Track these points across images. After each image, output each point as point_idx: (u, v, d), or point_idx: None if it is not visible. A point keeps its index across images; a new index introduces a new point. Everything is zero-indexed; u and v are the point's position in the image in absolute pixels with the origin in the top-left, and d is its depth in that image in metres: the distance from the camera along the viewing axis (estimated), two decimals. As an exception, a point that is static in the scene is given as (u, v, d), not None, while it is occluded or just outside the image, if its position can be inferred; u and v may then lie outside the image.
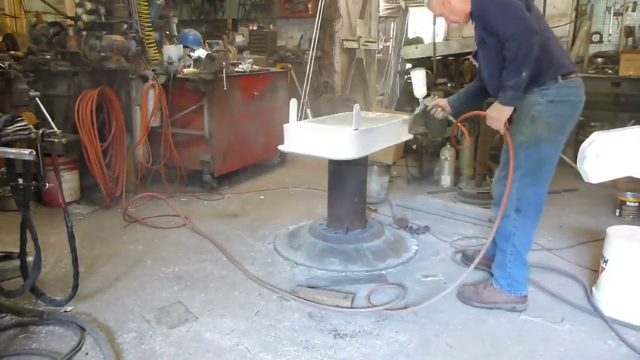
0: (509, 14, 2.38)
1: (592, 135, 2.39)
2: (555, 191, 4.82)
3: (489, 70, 2.67)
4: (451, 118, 3.04)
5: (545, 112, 2.51)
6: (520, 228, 2.61)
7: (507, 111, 2.51)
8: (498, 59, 2.50)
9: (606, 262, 2.63)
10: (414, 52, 5.71)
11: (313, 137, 3.09)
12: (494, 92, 2.65)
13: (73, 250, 2.52)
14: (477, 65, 2.88)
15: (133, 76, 4.37)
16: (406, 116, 3.62)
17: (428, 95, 3.15)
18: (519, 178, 2.57)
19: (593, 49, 6.19)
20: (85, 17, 4.01)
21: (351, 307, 2.67)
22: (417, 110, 3.17)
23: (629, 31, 6.09)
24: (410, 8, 9.31)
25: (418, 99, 3.14)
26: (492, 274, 2.76)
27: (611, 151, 2.36)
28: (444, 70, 5.51)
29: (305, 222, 3.78)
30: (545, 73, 2.48)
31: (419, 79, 3.14)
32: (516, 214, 2.59)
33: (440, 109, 3.03)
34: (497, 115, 2.54)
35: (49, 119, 2.63)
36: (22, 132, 2.23)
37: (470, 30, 6.31)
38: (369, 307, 2.68)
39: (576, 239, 3.63)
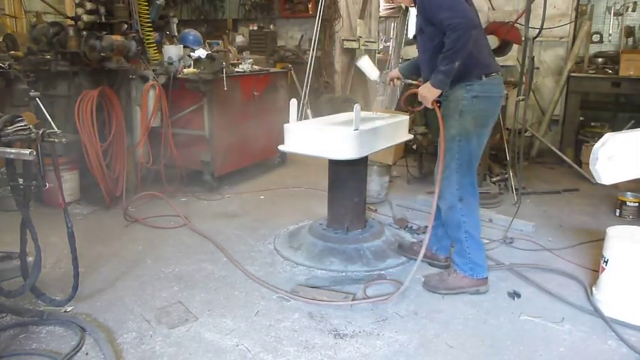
0: (453, 6, 2.58)
1: (604, 136, 2.38)
2: (555, 191, 4.83)
3: (423, 56, 2.90)
4: (408, 81, 3.19)
5: (470, 106, 2.74)
6: (467, 214, 2.81)
7: (436, 92, 2.73)
8: (432, 48, 2.74)
9: (606, 262, 2.63)
10: (414, 52, 5.70)
11: (313, 137, 3.09)
12: (425, 76, 2.88)
13: (73, 250, 2.52)
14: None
15: (133, 77, 4.37)
16: (406, 116, 3.62)
17: (381, 74, 3.44)
18: (456, 169, 2.78)
19: (593, 49, 6.19)
20: (85, 17, 4.01)
21: (352, 302, 2.67)
22: (380, 91, 3.47)
23: (629, 31, 6.08)
24: (410, 8, 9.30)
25: (375, 81, 3.41)
26: (453, 261, 2.92)
27: (624, 153, 2.35)
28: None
29: (305, 222, 3.78)
30: (471, 71, 2.71)
31: (366, 65, 3.40)
32: (461, 203, 2.80)
33: (396, 79, 3.28)
34: (427, 93, 2.76)
35: (49, 119, 2.63)
36: (22, 132, 2.23)
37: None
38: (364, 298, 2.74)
39: (576, 239, 3.63)
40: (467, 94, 2.74)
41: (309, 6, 7.81)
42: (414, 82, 3.13)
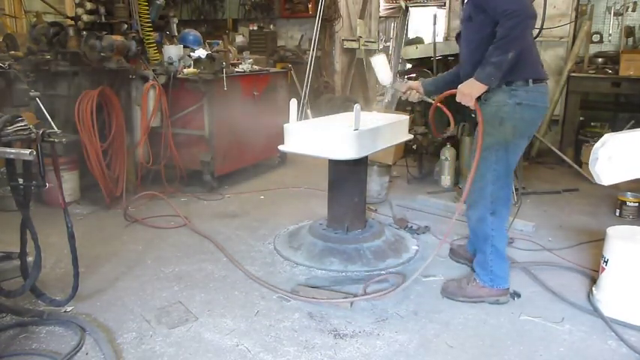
0: None
1: (604, 136, 2.37)
2: (555, 191, 4.83)
3: (467, 49, 2.64)
4: (427, 99, 2.98)
5: (512, 114, 2.50)
6: (497, 228, 2.67)
7: (479, 88, 2.46)
8: (479, 40, 2.48)
9: (606, 262, 2.63)
10: (414, 52, 5.70)
11: (313, 137, 3.08)
12: (466, 74, 2.60)
13: (73, 250, 2.51)
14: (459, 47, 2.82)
15: (133, 76, 4.36)
16: (406, 116, 3.62)
17: (396, 80, 3.06)
18: (493, 181, 2.59)
19: (593, 49, 6.19)
20: (85, 17, 4.02)
21: (353, 298, 2.68)
22: (387, 97, 3.10)
23: (629, 31, 6.08)
24: (410, 8, 9.30)
25: (385, 85, 3.08)
26: (474, 270, 2.81)
27: (624, 153, 2.34)
28: (445, 70, 5.50)
29: (305, 222, 3.78)
30: (519, 72, 2.46)
31: (381, 65, 3.07)
32: (492, 217, 2.64)
33: (414, 91, 2.99)
34: (469, 90, 2.48)
35: (49, 119, 2.63)
36: (22, 132, 2.22)
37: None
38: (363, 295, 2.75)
39: (576, 239, 3.63)
40: (510, 99, 2.49)
41: (309, 6, 7.82)
42: (430, 99, 2.92)
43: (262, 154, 5.36)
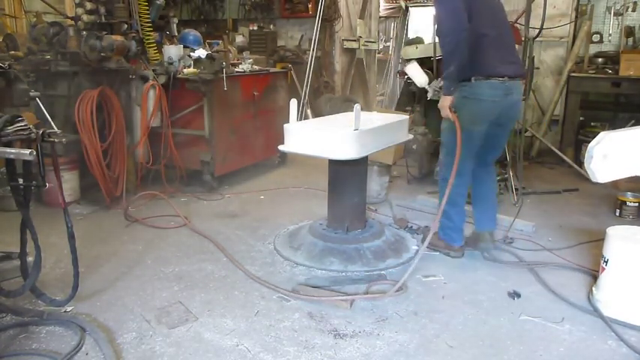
0: (447, 15, 2.88)
1: (599, 134, 2.38)
2: (555, 191, 4.83)
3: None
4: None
5: (460, 105, 3.03)
6: (452, 195, 3.07)
7: (447, 100, 3.02)
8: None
9: (606, 262, 2.63)
10: (414, 52, 5.69)
11: (313, 137, 3.09)
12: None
13: (73, 250, 2.51)
14: None
15: (133, 76, 4.37)
16: (406, 116, 3.62)
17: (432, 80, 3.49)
18: (445, 154, 3.20)
19: (593, 49, 6.19)
20: (85, 17, 4.02)
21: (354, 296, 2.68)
22: (430, 95, 3.52)
23: (629, 31, 6.08)
24: (410, 8, 9.31)
25: (425, 87, 3.52)
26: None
27: (619, 151, 2.35)
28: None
29: (305, 222, 3.78)
30: (464, 73, 2.94)
31: (416, 71, 3.48)
32: (444, 183, 3.09)
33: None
34: (442, 103, 3.06)
35: (49, 119, 2.63)
36: (22, 132, 2.22)
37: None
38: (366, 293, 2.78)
39: (576, 239, 3.63)
40: (459, 94, 3.02)
41: (309, 6, 7.80)
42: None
43: (262, 154, 5.36)
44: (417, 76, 3.50)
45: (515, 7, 6.41)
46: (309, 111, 6.60)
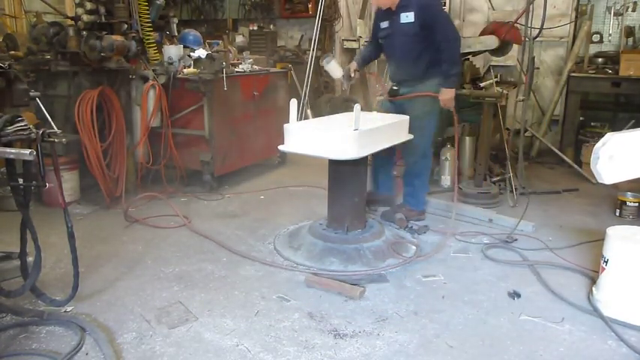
0: (451, 24, 3.69)
1: (605, 136, 2.38)
2: (555, 191, 4.83)
3: (409, 55, 3.66)
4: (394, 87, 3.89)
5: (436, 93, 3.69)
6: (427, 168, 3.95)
7: (453, 92, 3.64)
8: (421, 48, 3.58)
9: (606, 262, 2.63)
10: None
11: (313, 137, 3.09)
12: (407, 72, 3.76)
13: (73, 250, 2.52)
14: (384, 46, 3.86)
15: (133, 76, 4.37)
16: (406, 116, 3.62)
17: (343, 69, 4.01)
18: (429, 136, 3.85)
19: (593, 49, 6.18)
20: (85, 17, 4.01)
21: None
22: (345, 84, 4.10)
23: (629, 31, 6.08)
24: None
25: (341, 78, 4.03)
26: (404, 201, 3.99)
27: (625, 152, 2.35)
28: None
29: (305, 222, 3.78)
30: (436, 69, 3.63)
31: (333, 67, 4.00)
32: (423, 160, 3.87)
33: (354, 70, 3.95)
34: (450, 96, 3.63)
35: (49, 119, 2.62)
36: (22, 132, 2.23)
37: (470, 30, 6.30)
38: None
39: (576, 239, 3.63)
40: (436, 86, 3.66)
41: (309, 6, 7.81)
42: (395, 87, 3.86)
43: (262, 154, 5.36)
44: (334, 70, 4.01)
45: (515, 7, 6.43)
46: (309, 111, 6.59)
